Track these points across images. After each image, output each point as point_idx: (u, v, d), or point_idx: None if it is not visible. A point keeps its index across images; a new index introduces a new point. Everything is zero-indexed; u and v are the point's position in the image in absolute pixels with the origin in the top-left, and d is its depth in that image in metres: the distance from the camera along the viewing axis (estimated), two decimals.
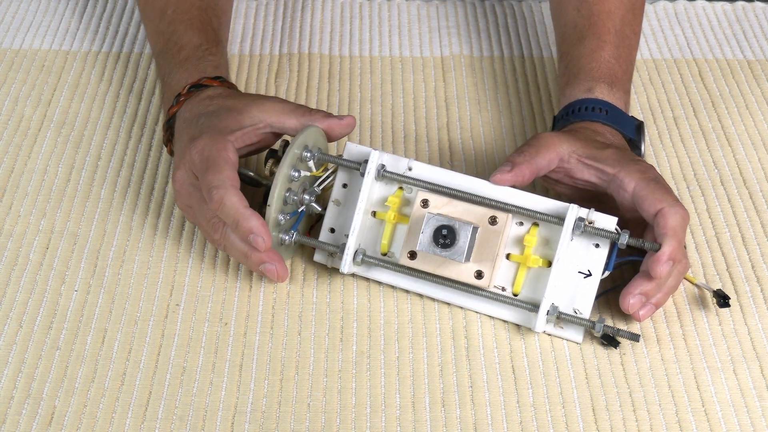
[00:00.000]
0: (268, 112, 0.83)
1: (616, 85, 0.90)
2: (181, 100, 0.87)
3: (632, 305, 0.78)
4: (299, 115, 0.83)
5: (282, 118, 0.83)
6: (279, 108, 0.84)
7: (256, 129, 0.83)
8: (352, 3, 1.17)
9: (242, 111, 0.83)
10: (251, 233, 0.78)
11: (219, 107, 0.84)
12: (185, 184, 0.82)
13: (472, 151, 0.97)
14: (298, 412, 0.75)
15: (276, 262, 0.80)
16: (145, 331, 0.80)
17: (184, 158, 0.82)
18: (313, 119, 0.83)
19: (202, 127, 0.82)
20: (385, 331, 0.81)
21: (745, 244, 0.88)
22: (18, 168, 0.94)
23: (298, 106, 0.84)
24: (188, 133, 0.83)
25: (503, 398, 0.76)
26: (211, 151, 0.80)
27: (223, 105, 0.84)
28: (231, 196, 0.78)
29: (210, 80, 0.88)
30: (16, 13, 1.14)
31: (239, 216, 0.78)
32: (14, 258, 0.86)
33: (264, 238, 0.78)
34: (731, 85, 1.06)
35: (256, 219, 0.78)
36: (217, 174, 0.79)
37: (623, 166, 0.81)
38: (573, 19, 0.95)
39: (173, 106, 0.87)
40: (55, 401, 0.75)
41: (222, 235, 0.81)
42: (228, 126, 0.82)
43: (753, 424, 0.74)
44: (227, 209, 0.78)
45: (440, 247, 0.78)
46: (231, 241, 0.80)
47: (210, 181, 0.78)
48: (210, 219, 0.81)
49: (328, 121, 0.83)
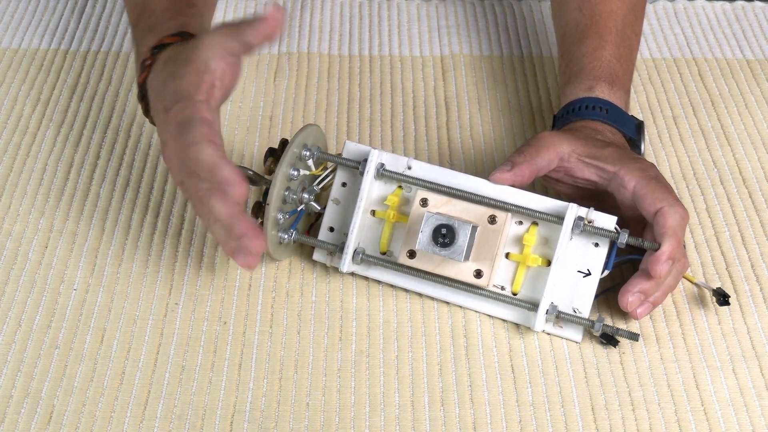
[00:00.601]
0: (211, 47, 0.77)
1: (616, 84, 0.90)
2: (147, 66, 0.83)
3: (631, 303, 0.78)
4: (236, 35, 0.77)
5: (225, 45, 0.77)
6: (219, 38, 0.77)
7: (213, 71, 0.77)
8: (352, 3, 1.17)
9: (193, 59, 0.78)
10: (223, 183, 0.73)
11: (176, 65, 0.79)
12: (173, 159, 0.78)
13: (472, 150, 0.97)
14: (297, 411, 0.75)
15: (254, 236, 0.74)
16: (144, 330, 0.80)
17: (165, 133, 0.78)
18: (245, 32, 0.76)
19: (170, 95, 0.78)
20: (384, 330, 0.81)
21: (745, 243, 0.88)
22: (17, 167, 0.94)
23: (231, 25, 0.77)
24: (161, 104, 0.79)
25: (502, 397, 0.76)
26: (183, 116, 0.76)
27: (177, 61, 0.79)
28: (205, 148, 0.73)
29: (170, 37, 0.83)
30: (15, 12, 1.14)
31: (213, 165, 0.73)
32: (13, 257, 0.86)
33: (236, 186, 0.73)
34: (731, 84, 1.06)
35: (230, 167, 0.73)
36: (191, 132, 0.75)
37: (624, 165, 0.81)
38: (574, 19, 0.95)
39: (141, 74, 0.84)
40: (53, 400, 0.75)
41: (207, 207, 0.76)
42: (190, 83, 0.78)
43: (752, 423, 0.74)
44: (202, 162, 0.74)
45: (439, 246, 0.78)
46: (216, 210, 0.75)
47: (185, 141, 0.75)
48: (198, 190, 0.76)
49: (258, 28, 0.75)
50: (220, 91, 0.78)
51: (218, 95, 0.78)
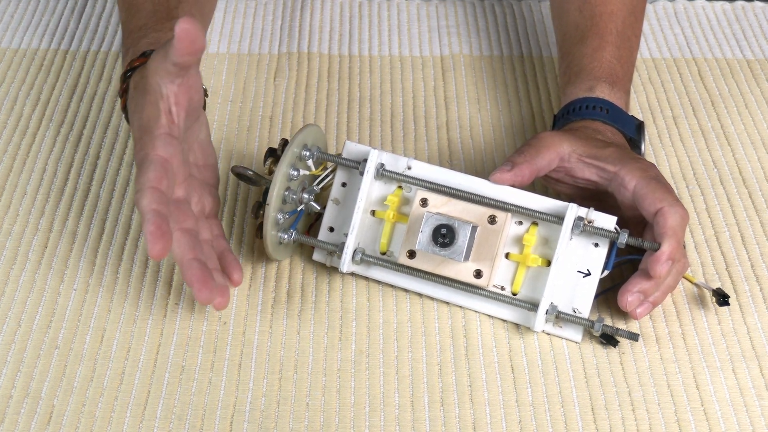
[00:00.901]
0: (155, 72, 0.76)
1: (617, 84, 0.90)
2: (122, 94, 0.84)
3: (630, 303, 0.78)
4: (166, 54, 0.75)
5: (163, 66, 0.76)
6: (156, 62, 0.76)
7: (166, 97, 0.77)
8: (352, 3, 1.17)
9: (147, 88, 0.78)
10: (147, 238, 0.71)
11: (139, 95, 0.79)
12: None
13: (472, 150, 0.97)
14: (296, 411, 0.75)
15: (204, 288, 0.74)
16: (143, 330, 0.80)
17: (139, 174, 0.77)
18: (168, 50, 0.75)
19: (136, 128, 0.78)
20: (384, 330, 0.81)
21: (745, 243, 0.88)
22: (17, 167, 0.94)
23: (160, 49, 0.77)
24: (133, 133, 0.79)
25: (502, 397, 0.76)
26: (140, 156, 0.76)
27: (140, 89, 0.79)
28: (142, 197, 0.73)
29: (139, 59, 0.83)
30: (15, 12, 1.14)
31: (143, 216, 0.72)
32: (13, 257, 0.86)
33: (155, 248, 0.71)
34: (731, 84, 1.06)
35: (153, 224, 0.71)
36: (140, 176, 0.75)
37: (624, 165, 0.81)
38: (575, 20, 0.95)
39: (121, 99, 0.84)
40: (53, 400, 0.75)
41: None
42: (150, 117, 0.77)
43: (752, 423, 0.74)
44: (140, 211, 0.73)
45: (439, 246, 0.78)
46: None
47: (137, 184, 0.75)
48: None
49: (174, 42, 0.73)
50: (182, 114, 0.78)
51: (180, 119, 0.77)
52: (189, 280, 0.74)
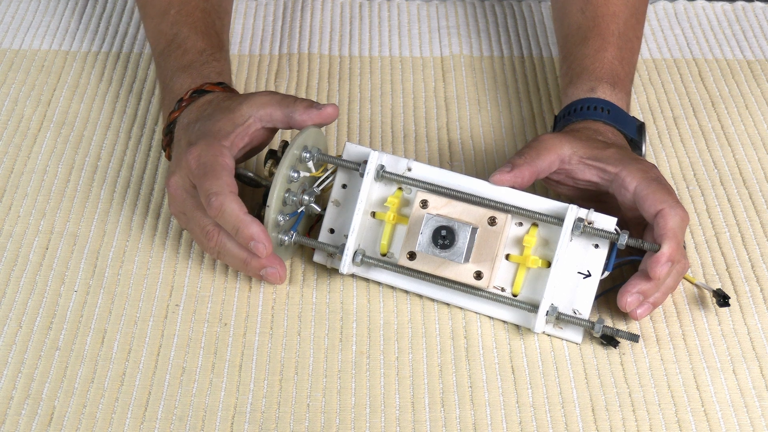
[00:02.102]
0: (256, 106, 0.83)
1: (618, 85, 0.90)
2: (182, 105, 0.86)
3: (630, 303, 0.78)
4: (284, 106, 0.83)
5: (269, 110, 0.83)
6: (266, 100, 0.83)
7: (247, 127, 0.83)
8: (352, 3, 1.17)
9: (234, 110, 0.83)
10: (252, 240, 0.78)
11: (214, 110, 0.84)
12: (179, 189, 0.82)
13: (472, 151, 0.97)
14: (297, 413, 0.75)
15: (277, 265, 0.81)
16: (144, 332, 0.80)
17: (180, 164, 0.81)
18: (295, 110, 0.82)
19: (198, 132, 0.82)
20: (384, 331, 0.81)
21: (745, 244, 0.88)
22: (18, 168, 0.94)
23: (285, 97, 0.84)
24: (185, 138, 0.83)
25: (502, 398, 0.76)
26: (207, 157, 0.79)
27: (218, 107, 0.84)
28: (230, 203, 0.78)
29: (212, 86, 0.87)
30: (15, 12, 1.14)
31: (239, 222, 0.78)
32: (14, 258, 0.86)
33: (265, 244, 0.78)
34: (731, 85, 1.06)
35: (257, 225, 0.78)
36: (216, 180, 0.78)
37: (625, 166, 0.81)
38: (577, 20, 0.95)
39: (174, 111, 0.87)
40: (54, 401, 0.75)
41: (217, 242, 0.80)
42: (222, 128, 0.82)
43: (752, 423, 0.74)
44: (227, 216, 0.78)
45: (439, 248, 0.78)
46: (228, 248, 0.80)
47: (208, 187, 0.78)
48: (204, 227, 0.81)
49: (308, 113, 0.82)
50: (243, 150, 0.84)
51: (239, 151, 0.83)
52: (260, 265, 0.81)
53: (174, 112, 0.87)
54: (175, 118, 0.87)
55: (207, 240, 0.81)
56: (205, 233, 0.81)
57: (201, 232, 0.81)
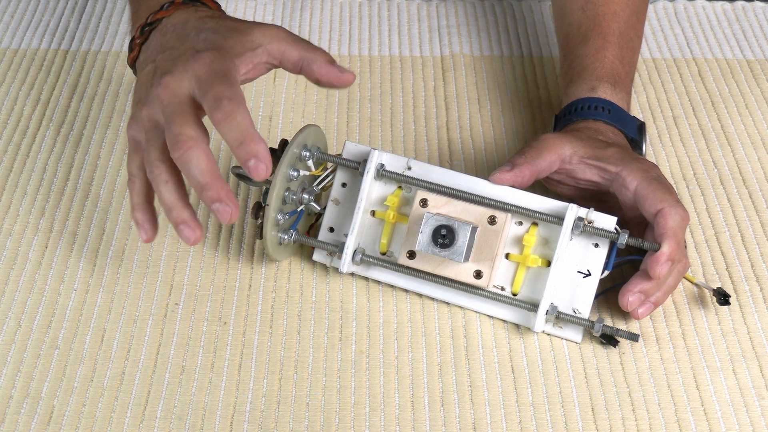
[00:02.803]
0: (269, 37, 0.77)
1: (618, 85, 0.90)
2: (171, 8, 0.80)
3: (631, 303, 0.78)
4: (301, 48, 0.77)
5: (283, 46, 0.77)
6: (282, 35, 0.78)
7: (255, 55, 0.77)
8: (352, 3, 1.17)
9: (245, 32, 0.77)
10: (254, 157, 0.70)
11: (221, 25, 0.78)
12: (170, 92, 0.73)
13: (472, 150, 0.97)
14: (296, 412, 0.75)
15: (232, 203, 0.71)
16: (144, 330, 0.80)
17: (186, 66, 0.74)
18: (315, 59, 0.77)
19: (206, 42, 0.76)
20: (384, 330, 0.81)
21: (745, 243, 0.88)
22: (17, 167, 0.94)
23: (302, 39, 0.78)
24: (188, 44, 0.76)
25: (502, 397, 0.76)
26: (220, 66, 0.74)
27: (225, 24, 0.78)
28: (243, 111, 0.71)
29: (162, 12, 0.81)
30: (15, 12, 1.14)
31: (247, 134, 0.70)
32: (13, 257, 0.86)
33: (266, 166, 0.70)
34: (731, 84, 1.06)
35: (264, 144, 0.70)
36: (230, 87, 0.72)
37: (626, 165, 0.81)
38: (577, 20, 0.95)
39: (161, 10, 0.80)
40: (53, 400, 0.75)
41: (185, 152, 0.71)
42: (233, 46, 0.76)
43: (752, 423, 0.74)
44: (236, 124, 0.70)
45: (439, 247, 0.78)
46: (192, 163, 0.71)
47: (221, 91, 0.71)
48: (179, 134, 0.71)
49: (329, 68, 0.77)
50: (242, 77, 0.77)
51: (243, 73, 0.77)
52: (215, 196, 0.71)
53: (161, 11, 0.80)
54: (160, 17, 0.80)
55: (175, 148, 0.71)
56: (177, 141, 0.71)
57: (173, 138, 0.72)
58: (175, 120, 0.72)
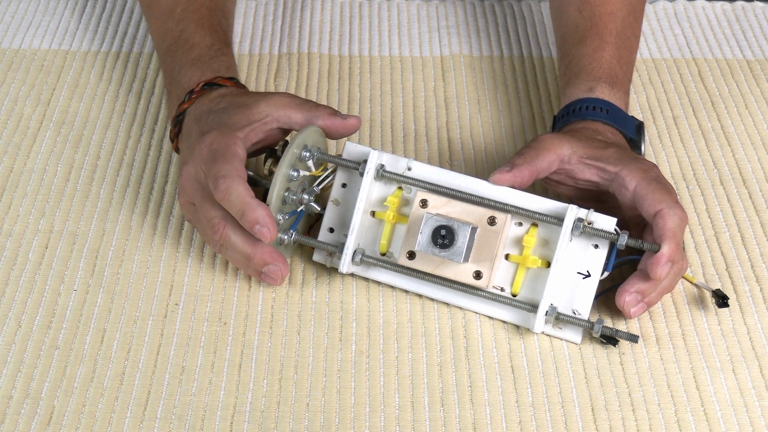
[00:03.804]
0: (275, 106, 0.83)
1: (616, 85, 0.90)
2: (193, 97, 0.86)
3: (628, 303, 0.78)
4: (306, 110, 0.83)
5: (289, 112, 0.83)
6: (286, 102, 0.84)
7: (264, 124, 0.83)
8: (352, 3, 1.17)
9: (251, 106, 0.83)
10: (257, 223, 0.77)
11: (229, 104, 0.84)
12: (191, 179, 0.81)
13: (472, 150, 0.97)
14: (296, 412, 0.75)
15: (280, 263, 0.80)
16: (144, 331, 0.80)
17: (194, 153, 0.81)
18: (318, 115, 0.83)
19: (212, 123, 0.82)
20: (384, 330, 0.81)
21: (745, 243, 0.88)
22: (17, 167, 0.94)
23: (306, 101, 0.84)
24: (198, 128, 0.83)
25: (502, 398, 0.76)
26: (219, 144, 0.79)
27: (234, 102, 0.84)
28: (238, 186, 0.77)
29: (224, 80, 0.88)
30: (15, 12, 1.14)
31: (245, 206, 0.77)
32: (13, 257, 0.86)
33: (270, 228, 0.77)
34: (731, 84, 1.06)
35: (263, 209, 0.77)
36: (225, 164, 0.78)
37: (625, 165, 0.81)
38: (574, 20, 0.95)
39: (184, 102, 0.87)
40: (53, 401, 0.75)
41: (222, 235, 0.80)
42: (237, 122, 0.82)
43: (752, 423, 0.74)
44: (233, 199, 0.77)
45: (439, 248, 0.78)
46: (232, 242, 0.80)
47: (217, 171, 0.78)
48: (211, 219, 0.80)
49: (332, 119, 0.83)
50: (256, 146, 0.84)
51: (252, 146, 0.83)
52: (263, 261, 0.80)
53: (184, 103, 0.87)
54: (185, 109, 0.87)
55: (212, 232, 0.80)
56: (211, 225, 0.80)
57: (207, 223, 0.80)
58: (203, 207, 0.81)
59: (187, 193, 0.82)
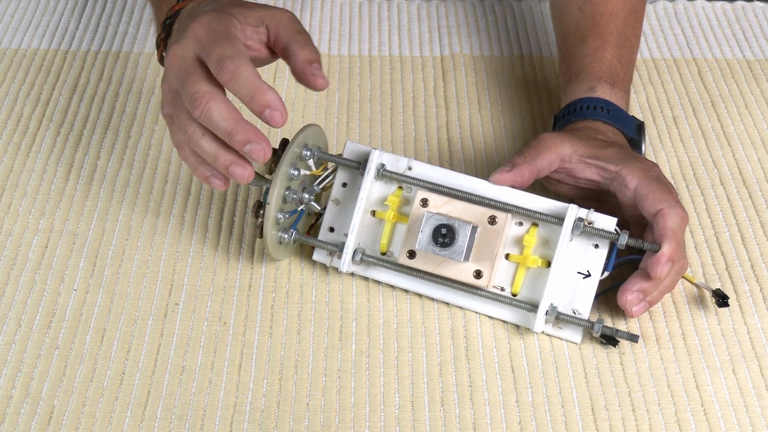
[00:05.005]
0: (272, 18, 0.79)
1: (617, 85, 0.90)
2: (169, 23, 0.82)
3: (630, 302, 0.78)
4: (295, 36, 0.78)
5: (281, 29, 0.79)
6: (285, 20, 0.79)
7: (255, 32, 0.79)
8: (352, 3, 1.17)
9: (251, 8, 0.79)
10: (268, 107, 0.72)
11: (229, 2, 0.80)
12: (179, 58, 0.76)
13: (472, 150, 0.97)
14: (296, 412, 0.75)
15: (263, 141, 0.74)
16: (144, 330, 0.80)
17: (187, 32, 0.76)
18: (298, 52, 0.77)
19: (207, 9, 0.78)
20: (384, 330, 0.81)
21: (745, 243, 0.88)
22: (17, 167, 0.94)
23: (300, 33, 0.79)
24: (191, 18, 0.78)
25: (502, 398, 0.76)
26: (219, 25, 0.75)
27: (233, 2, 0.80)
28: (248, 68, 0.73)
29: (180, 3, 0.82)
30: (15, 12, 1.14)
31: (255, 88, 0.72)
32: (13, 257, 0.86)
33: (281, 112, 0.72)
34: (731, 84, 1.06)
35: (274, 93, 0.73)
36: (229, 45, 0.74)
37: (626, 164, 0.81)
38: (575, 19, 0.95)
39: (178, 2, 0.82)
40: (53, 400, 0.75)
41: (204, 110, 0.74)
42: (234, 14, 0.78)
43: (752, 423, 0.74)
44: (242, 81, 0.72)
45: (439, 247, 0.78)
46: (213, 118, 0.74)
47: (222, 51, 0.73)
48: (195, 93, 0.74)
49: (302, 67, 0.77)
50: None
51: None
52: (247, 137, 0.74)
53: (177, 3, 0.82)
54: (180, 8, 0.82)
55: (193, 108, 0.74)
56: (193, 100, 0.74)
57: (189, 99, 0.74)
58: (187, 82, 0.75)
59: (172, 74, 0.77)
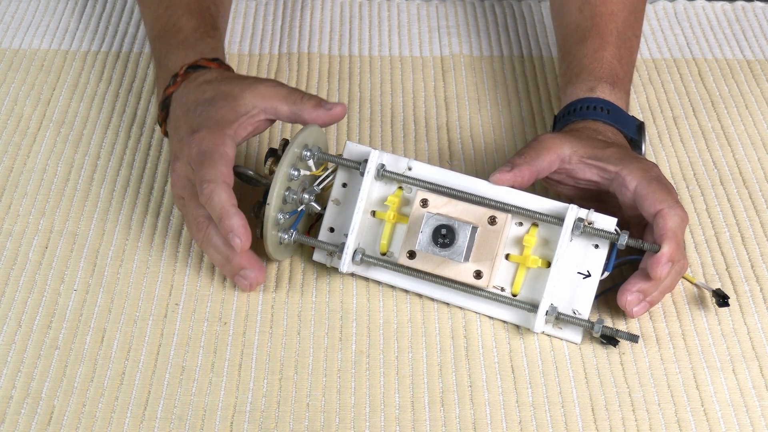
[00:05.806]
0: (261, 98, 0.83)
1: (617, 85, 0.90)
2: (177, 81, 0.87)
3: (630, 302, 0.78)
4: (291, 102, 0.83)
5: (275, 104, 0.83)
6: (272, 93, 0.84)
7: (251, 117, 0.83)
8: (352, 3, 1.17)
9: (237, 98, 0.83)
10: (231, 232, 0.78)
11: (216, 93, 0.84)
12: (181, 176, 0.82)
13: (472, 150, 0.97)
14: (297, 412, 0.75)
15: (255, 269, 0.80)
16: (144, 331, 0.80)
17: (183, 151, 0.82)
18: (304, 108, 0.83)
19: (201, 118, 0.82)
20: (384, 330, 0.81)
21: (745, 243, 0.88)
22: (17, 167, 0.94)
23: (292, 92, 0.84)
24: (187, 123, 0.83)
25: (502, 398, 0.76)
26: (208, 145, 0.80)
27: (220, 91, 0.84)
28: (220, 192, 0.78)
29: (207, 61, 0.88)
30: (15, 12, 1.14)
31: (224, 212, 0.78)
32: (13, 257, 0.86)
33: (241, 239, 0.78)
34: (731, 84, 1.06)
35: (239, 219, 0.78)
36: (211, 168, 0.79)
37: (625, 165, 0.81)
38: (575, 20, 0.95)
39: (170, 86, 0.87)
40: (54, 400, 0.75)
41: (205, 234, 0.81)
42: (225, 117, 0.82)
43: (752, 423, 0.74)
44: (214, 204, 0.78)
45: (439, 247, 0.78)
46: (213, 242, 0.80)
47: (203, 174, 0.79)
48: (197, 216, 0.81)
49: (317, 112, 0.83)
50: (246, 138, 0.84)
51: (242, 140, 0.84)
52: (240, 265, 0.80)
53: (169, 87, 0.87)
54: (171, 92, 0.87)
55: (197, 230, 0.81)
56: (197, 223, 0.81)
57: (194, 220, 0.81)
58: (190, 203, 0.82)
59: (177, 188, 0.83)
